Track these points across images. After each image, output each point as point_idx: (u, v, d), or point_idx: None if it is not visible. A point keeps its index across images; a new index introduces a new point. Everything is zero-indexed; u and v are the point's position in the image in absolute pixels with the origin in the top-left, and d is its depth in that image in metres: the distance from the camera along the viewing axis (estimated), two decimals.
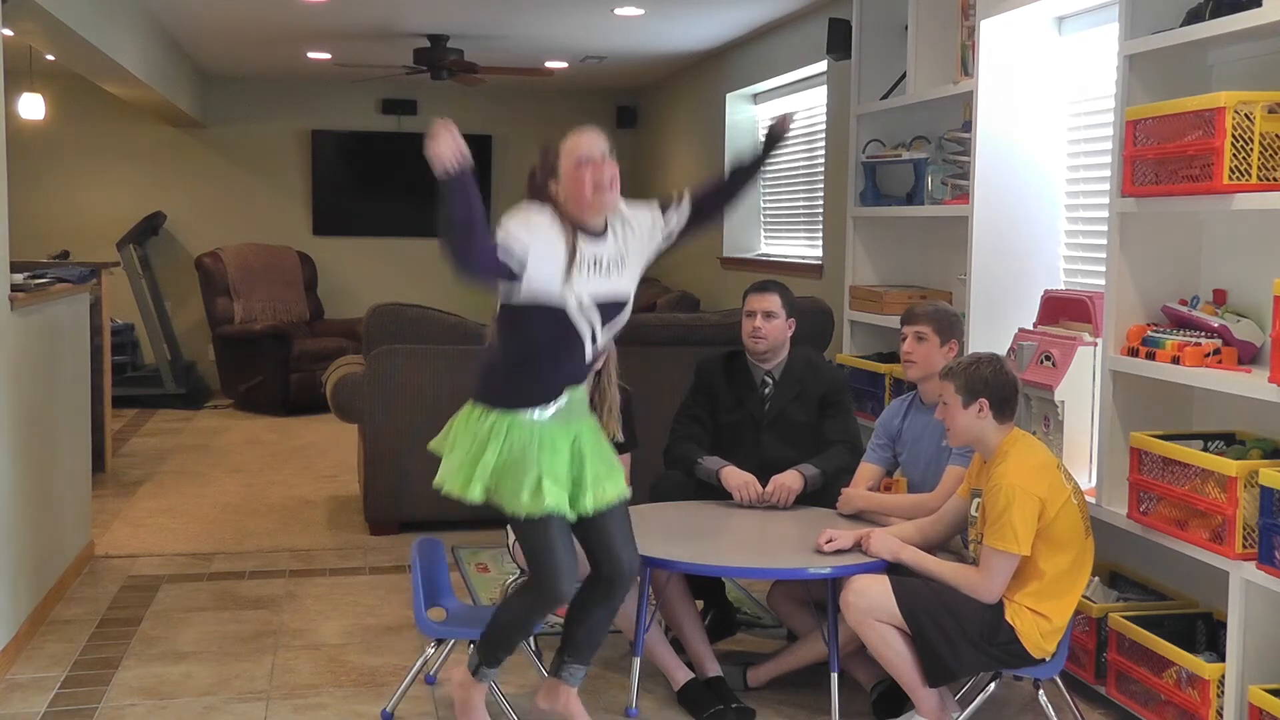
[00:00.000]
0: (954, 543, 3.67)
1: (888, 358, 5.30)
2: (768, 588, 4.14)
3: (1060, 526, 3.27)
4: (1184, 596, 3.80)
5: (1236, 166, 3.20)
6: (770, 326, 4.17)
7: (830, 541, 3.53)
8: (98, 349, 6.66)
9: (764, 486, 4.00)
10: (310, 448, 8.06)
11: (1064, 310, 4.20)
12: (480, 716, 3.42)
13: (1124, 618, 3.61)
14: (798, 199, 7.96)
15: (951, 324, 3.90)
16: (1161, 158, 3.47)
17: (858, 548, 3.51)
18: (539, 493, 3.13)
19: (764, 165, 3.68)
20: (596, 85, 10.90)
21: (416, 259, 10.89)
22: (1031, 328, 4.27)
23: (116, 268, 8.13)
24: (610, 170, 3.17)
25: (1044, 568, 3.28)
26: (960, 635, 3.27)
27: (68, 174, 10.38)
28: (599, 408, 4.07)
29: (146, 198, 10.53)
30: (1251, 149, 3.19)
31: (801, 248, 7.85)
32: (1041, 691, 3.45)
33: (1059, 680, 3.46)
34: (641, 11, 7.28)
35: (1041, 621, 3.28)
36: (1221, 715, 3.26)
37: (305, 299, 10.40)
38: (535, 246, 3.07)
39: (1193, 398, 3.80)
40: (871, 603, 3.33)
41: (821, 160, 7.31)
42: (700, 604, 4.23)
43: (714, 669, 3.79)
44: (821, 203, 7.29)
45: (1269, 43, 3.41)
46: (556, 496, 3.15)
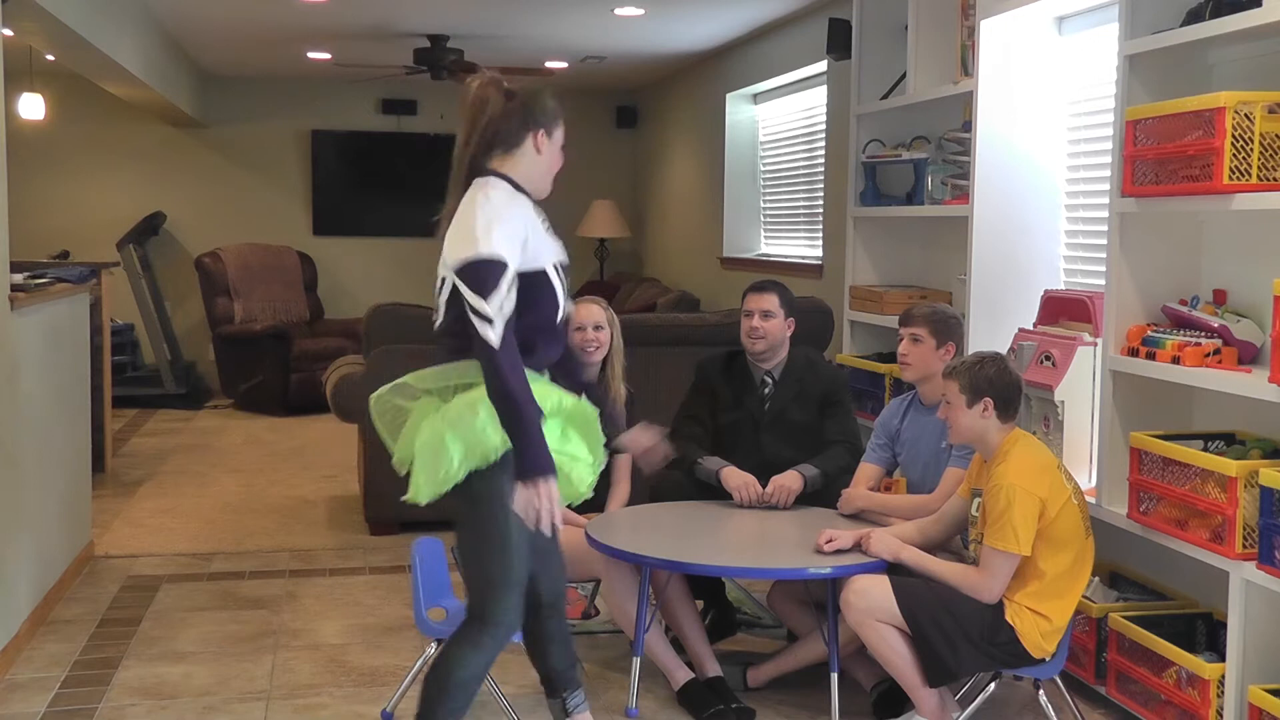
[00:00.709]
0: (954, 543, 3.67)
1: (888, 358, 5.29)
2: (768, 588, 4.14)
3: (1060, 526, 3.27)
4: (1184, 596, 3.80)
5: (1236, 166, 3.20)
6: (768, 326, 4.17)
7: (830, 541, 3.52)
8: (98, 349, 6.66)
9: (764, 486, 4.00)
10: (310, 448, 8.06)
11: (1064, 310, 4.20)
12: None
13: (1124, 618, 3.61)
14: (798, 199, 7.96)
15: (948, 326, 3.89)
16: (1161, 158, 3.47)
17: (858, 548, 3.51)
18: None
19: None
20: (596, 85, 10.90)
21: (416, 259, 10.87)
22: (1031, 328, 4.27)
23: (116, 268, 8.13)
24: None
25: (1044, 568, 3.28)
26: (960, 635, 3.27)
27: (68, 174, 10.37)
28: (602, 404, 4.06)
29: (146, 198, 10.53)
30: (1251, 149, 3.19)
31: (801, 248, 7.85)
32: (1041, 691, 3.45)
33: (1059, 680, 3.46)
34: (641, 11, 7.28)
35: (1041, 621, 3.28)
36: (1221, 715, 3.26)
37: (305, 299, 10.40)
38: (533, 241, 2.88)
39: (1193, 398, 3.79)
40: (872, 603, 3.33)
41: (821, 160, 7.31)
42: (700, 604, 4.23)
43: (714, 669, 3.79)
44: (821, 203, 7.29)
45: (1269, 43, 3.41)
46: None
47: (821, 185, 7.29)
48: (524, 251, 2.83)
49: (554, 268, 2.93)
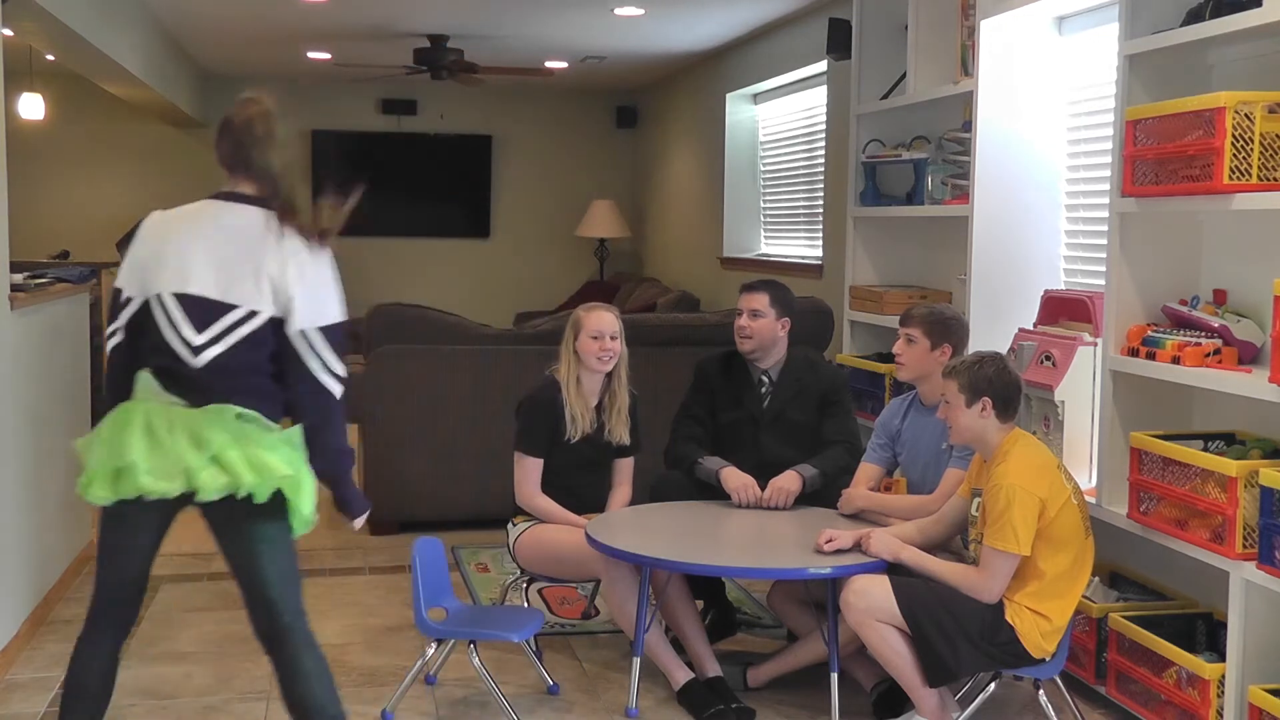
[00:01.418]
0: (954, 543, 3.67)
1: (888, 358, 5.28)
2: (768, 588, 4.14)
3: (1060, 526, 3.27)
4: (1184, 596, 3.80)
5: (1236, 166, 3.20)
6: (756, 325, 4.15)
7: (830, 541, 3.52)
8: (98, 349, 6.63)
9: (763, 485, 4.00)
10: None
11: (1064, 310, 4.20)
12: None
13: (1124, 618, 3.61)
14: (798, 199, 7.96)
15: (946, 327, 3.87)
16: (1162, 158, 3.47)
17: (858, 548, 3.51)
18: None
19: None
20: (596, 85, 10.90)
21: (416, 259, 10.90)
22: (1031, 328, 4.27)
23: (116, 268, 8.11)
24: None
25: (1044, 568, 3.28)
26: (960, 635, 3.27)
27: (68, 174, 10.38)
28: (608, 410, 4.06)
29: (147, 198, 10.43)
30: (1251, 149, 3.19)
31: (801, 248, 7.85)
32: (1041, 691, 3.45)
33: (1059, 680, 3.46)
34: (641, 11, 7.28)
35: (1041, 621, 3.28)
36: (1221, 715, 3.26)
37: None
38: None
39: (1193, 398, 3.79)
40: (872, 603, 3.33)
41: (821, 160, 7.31)
42: (700, 604, 4.23)
43: (714, 669, 3.79)
44: (821, 203, 7.29)
45: (1269, 43, 3.41)
46: None
47: (821, 185, 7.29)
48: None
49: None
